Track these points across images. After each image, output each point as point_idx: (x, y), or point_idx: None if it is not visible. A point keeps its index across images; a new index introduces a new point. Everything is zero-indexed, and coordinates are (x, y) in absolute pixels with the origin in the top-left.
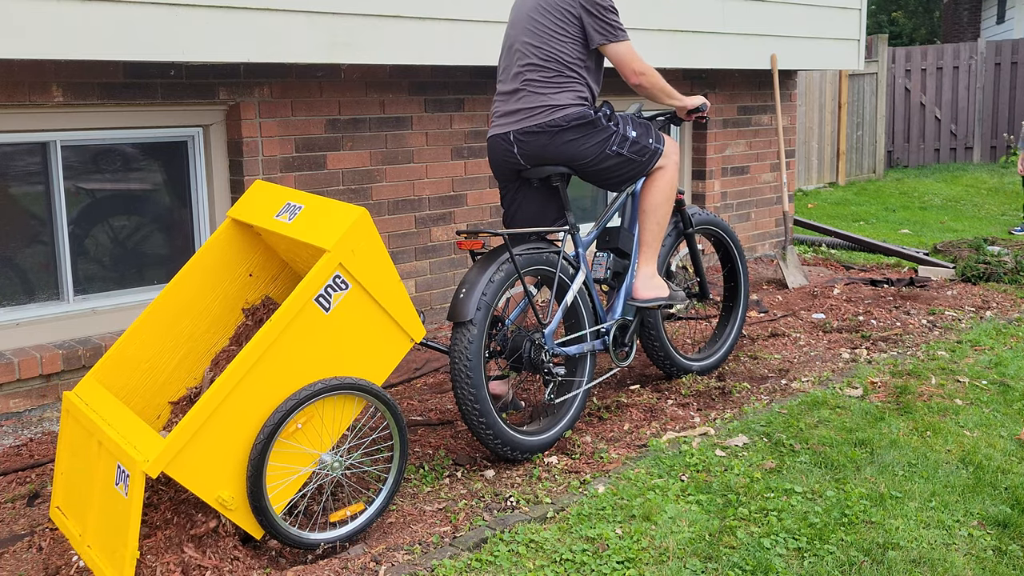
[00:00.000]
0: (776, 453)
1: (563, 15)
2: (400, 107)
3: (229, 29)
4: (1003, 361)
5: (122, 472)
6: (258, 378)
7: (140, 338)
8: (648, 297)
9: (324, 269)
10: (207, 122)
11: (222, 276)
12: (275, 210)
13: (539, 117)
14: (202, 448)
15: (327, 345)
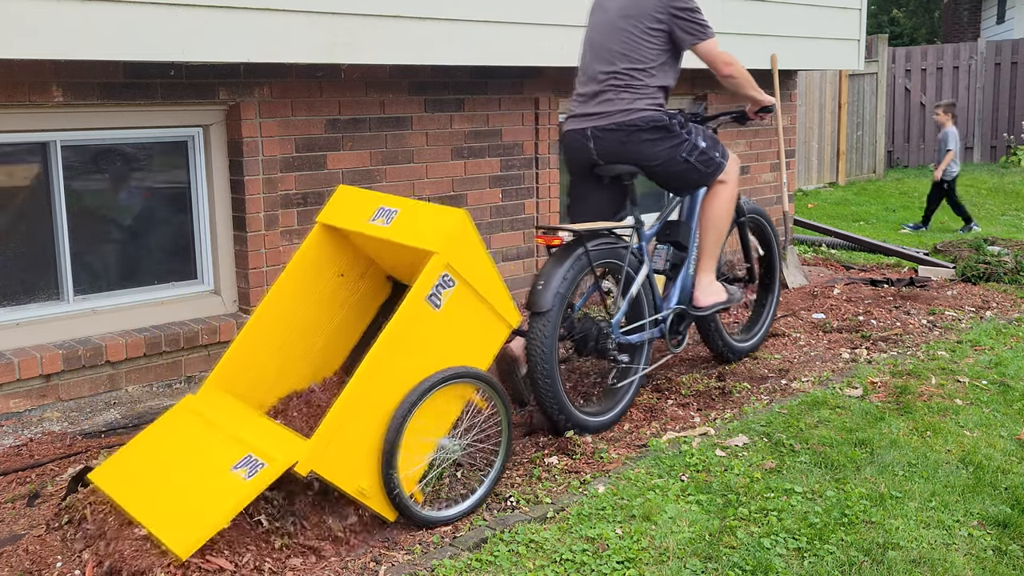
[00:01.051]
0: (776, 453)
1: (650, 20)
2: (400, 107)
3: (229, 29)
4: (1003, 361)
5: (252, 460)
6: (383, 376)
7: (250, 343)
8: (709, 304)
9: (433, 270)
10: (207, 122)
11: (316, 279)
12: (368, 215)
13: (618, 117)
14: (342, 444)
15: (439, 339)
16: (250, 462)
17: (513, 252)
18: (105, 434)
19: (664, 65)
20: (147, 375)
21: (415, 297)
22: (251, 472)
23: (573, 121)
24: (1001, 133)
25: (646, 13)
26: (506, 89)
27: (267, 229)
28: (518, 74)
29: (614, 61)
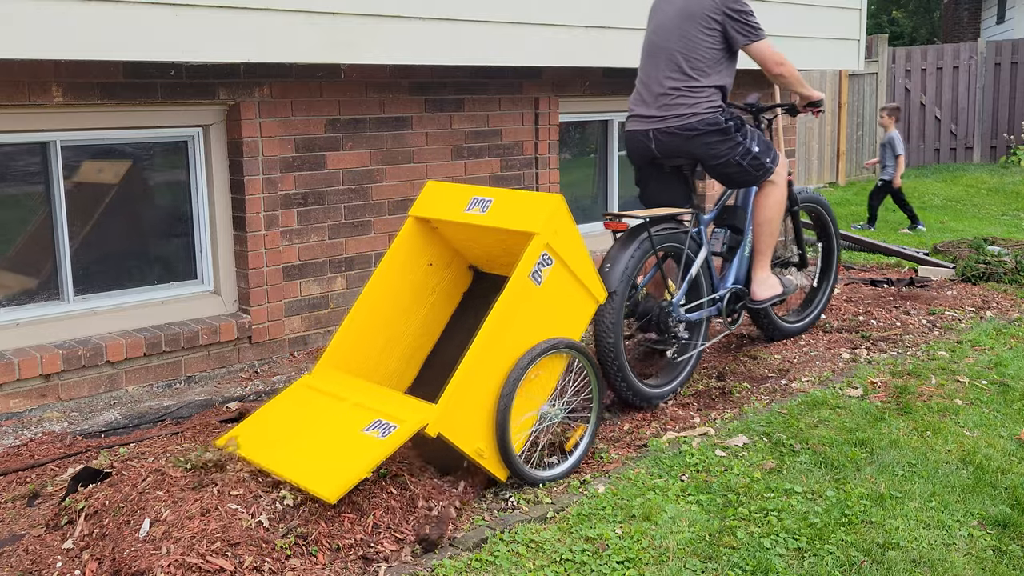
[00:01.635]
0: (776, 453)
1: (707, 21)
2: (400, 107)
3: (229, 29)
4: (1003, 361)
5: (382, 424)
6: (495, 346)
7: (356, 325)
8: (766, 297)
9: (535, 250)
10: (207, 122)
11: (409, 268)
12: (462, 205)
13: (678, 120)
14: (462, 409)
15: (540, 312)
16: (381, 425)
17: None
18: (105, 434)
19: (720, 64)
20: (147, 375)
21: (520, 274)
22: (384, 433)
23: (634, 121)
24: (1001, 133)
25: (702, 13)
26: (506, 89)
27: (267, 229)
28: (518, 74)
29: (673, 62)
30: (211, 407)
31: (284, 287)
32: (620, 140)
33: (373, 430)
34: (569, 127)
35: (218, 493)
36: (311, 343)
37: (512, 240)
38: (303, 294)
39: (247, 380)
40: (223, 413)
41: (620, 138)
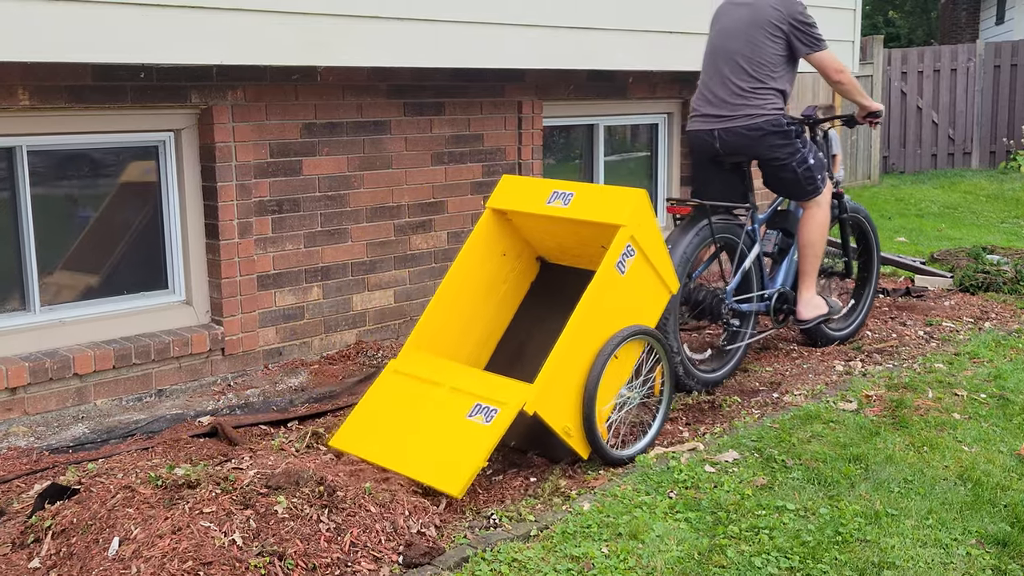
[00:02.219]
0: (767, 469)
1: (773, 29)
2: (378, 111)
3: (201, 30)
4: (1002, 374)
5: (483, 408)
6: (584, 331)
7: (439, 309)
8: (811, 317)
9: (620, 241)
10: (179, 126)
11: (486, 257)
12: (543, 198)
13: (742, 120)
14: (554, 390)
15: (622, 300)
16: (482, 409)
17: None
18: (73, 449)
19: (783, 69)
20: (116, 388)
21: (607, 264)
22: (488, 418)
23: (698, 121)
24: (1000, 138)
25: (768, 21)
26: (488, 92)
27: (241, 237)
28: (500, 77)
29: (738, 65)
30: (183, 421)
31: (258, 297)
32: (606, 145)
33: (476, 415)
34: (553, 131)
35: (190, 510)
36: (286, 355)
37: (589, 232)
38: (278, 304)
39: (220, 393)
40: (195, 428)
41: (606, 143)
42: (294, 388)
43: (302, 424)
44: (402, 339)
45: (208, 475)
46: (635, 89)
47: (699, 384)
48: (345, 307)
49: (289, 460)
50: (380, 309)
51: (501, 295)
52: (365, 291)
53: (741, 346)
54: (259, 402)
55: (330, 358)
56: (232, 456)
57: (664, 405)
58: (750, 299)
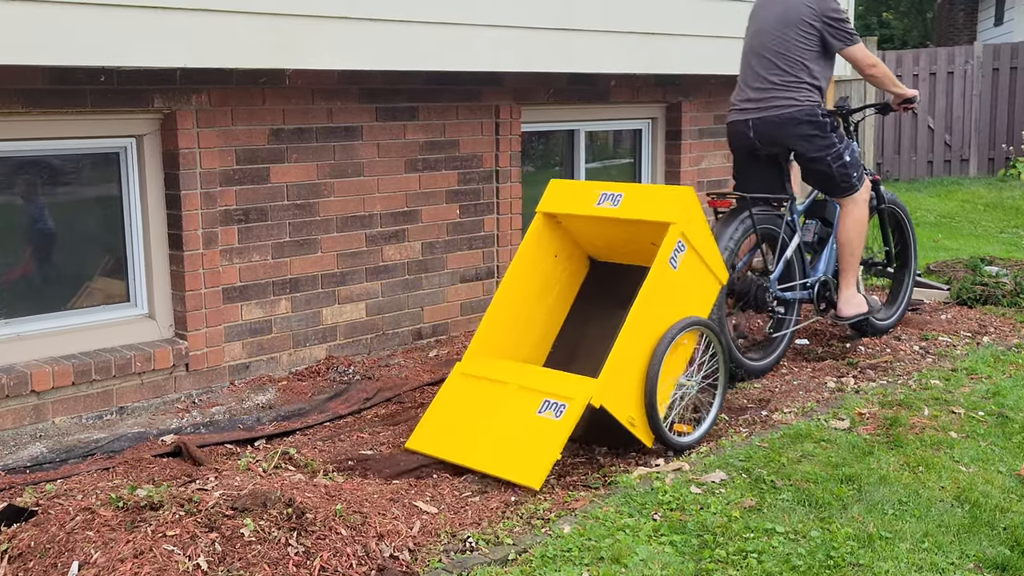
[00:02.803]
0: (756, 490)
1: (806, 26)
2: (349, 116)
3: (163, 31)
4: (1001, 391)
5: (552, 403)
6: (642, 325)
7: (498, 313)
8: (851, 314)
9: (672, 238)
10: (140, 132)
11: (539, 260)
12: (592, 200)
13: (778, 110)
14: (617, 382)
15: (675, 294)
16: (551, 405)
17: (472, 273)
18: (30, 469)
19: (817, 64)
20: (76, 406)
21: (660, 260)
22: (557, 413)
23: (736, 113)
24: (999, 144)
25: (800, 19)
26: (464, 97)
27: (206, 248)
28: (477, 80)
29: (772, 62)
30: (145, 440)
31: (224, 310)
32: (587, 151)
33: (546, 411)
34: (532, 137)
35: (152, 533)
36: (253, 371)
37: (639, 230)
38: (244, 318)
39: (184, 411)
40: (158, 447)
41: (588, 149)
42: (261, 405)
43: (270, 443)
44: (374, 354)
45: (171, 496)
46: (618, 93)
47: (748, 373)
48: (315, 321)
49: (256, 481)
50: (351, 323)
51: (555, 295)
52: (335, 304)
53: (786, 334)
54: (225, 420)
55: (299, 374)
56: (196, 476)
57: (720, 392)
58: (793, 287)
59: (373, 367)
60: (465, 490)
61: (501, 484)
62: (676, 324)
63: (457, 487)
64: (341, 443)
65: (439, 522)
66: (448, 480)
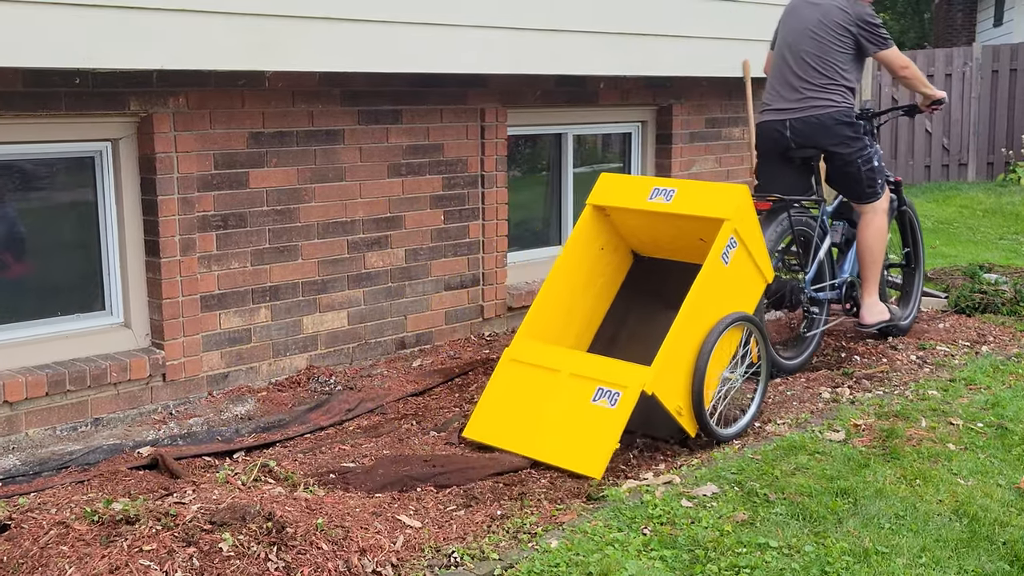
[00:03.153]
0: (749, 503)
1: (840, 29)
2: (331, 119)
3: (140, 32)
4: (1001, 401)
5: (606, 391)
6: (694, 317)
7: (546, 300)
8: (874, 322)
9: (725, 233)
10: (116, 136)
11: (586, 252)
12: (644, 194)
13: (814, 110)
14: (668, 371)
15: (725, 289)
16: (605, 393)
17: (456, 280)
18: (3, 482)
19: (850, 66)
20: (50, 417)
21: (714, 255)
22: (612, 401)
23: (770, 114)
24: (999, 148)
25: (835, 23)
26: (448, 99)
27: (183, 254)
28: (462, 82)
29: (808, 63)
30: (121, 452)
31: (202, 319)
32: (575, 155)
33: (600, 399)
34: (519, 141)
35: (128, 548)
36: (232, 381)
37: (689, 225)
38: (223, 327)
39: (161, 422)
40: (134, 459)
41: (575, 153)
42: (240, 417)
43: (249, 455)
44: (356, 363)
45: (148, 510)
46: (607, 95)
47: (781, 371)
48: (295, 329)
49: (235, 494)
50: (333, 332)
51: (599, 287)
52: (317, 312)
53: (818, 333)
54: (203, 432)
55: (279, 384)
56: (174, 490)
57: (762, 386)
58: (823, 288)
59: (355, 377)
60: (450, 503)
61: (483, 500)
62: (725, 318)
63: (441, 500)
64: (322, 455)
65: (423, 536)
66: (432, 493)
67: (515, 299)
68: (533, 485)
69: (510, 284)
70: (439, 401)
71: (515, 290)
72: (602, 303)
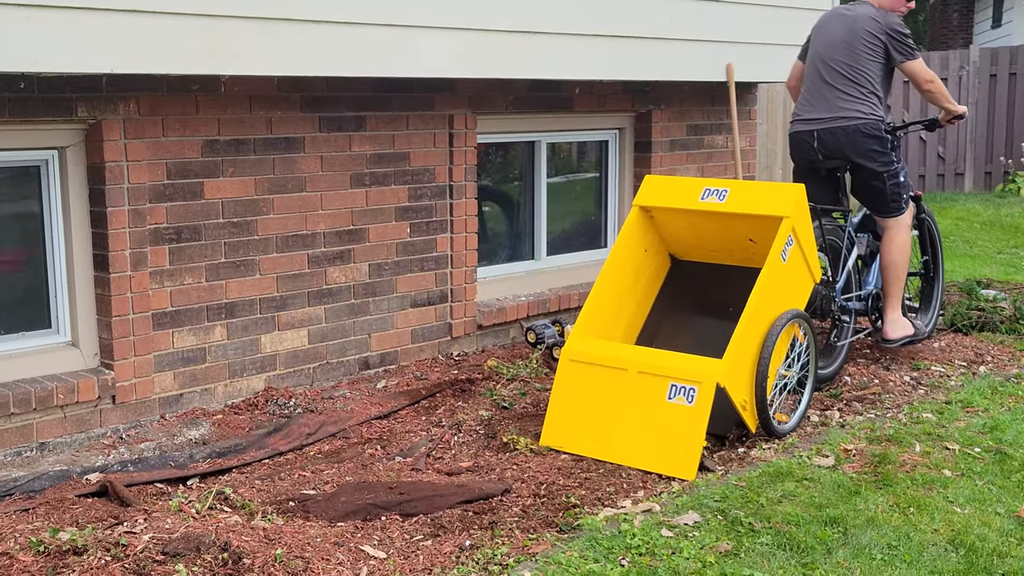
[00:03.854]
0: (733, 533)
1: (871, 37)
2: (290, 126)
3: (88, 34)
4: (999, 425)
5: (680, 388)
6: (756, 314)
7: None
8: (896, 337)
9: (784, 231)
10: (63, 144)
11: (632, 253)
12: (695, 195)
13: (843, 121)
14: (735, 366)
15: (781, 286)
16: (680, 390)
17: (423, 297)
18: None
19: (880, 77)
20: None
21: (774, 253)
22: (689, 398)
23: (799, 124)
24: (997, 157)
25: (866, 31)
26: (415, 105)
27: (134, 269)
28: (429, 87)
29: (839, 73)
30: (68, 479)
31: (154, 338)
32: (549, 164)
33: (677, 397)
34: (489, 149)
35: None
36: (186, 403)
37: (742, 225)
38: (176, 346)
39: (110, 447)
40: (82, 486)
41: (549, 162)
42: (195, 441)
43: (204, 482)
44: (317, 384)
45: (97, 540)
46: (582, 101)
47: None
48: (253, 349)
49: (189, 523)
50: (292, 351)
51: (642, 289)
52: (275, 330)
53: (847, 342)
54: (155, 457)
55: (236, 407)
56: (124, 518)
57: (810, 384)
58: (851, 298)
59: (316, 399)
60: (416, 533)
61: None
62: (785, 314)
63: (407, 530)
64: (281, 482)
65: (388, 568)
66: (397, 522)
67: (486, 317)
68: (504, 513)
69: (480, 301)
70: (405, 424)
71: (486, 307)
72: (644, 305)
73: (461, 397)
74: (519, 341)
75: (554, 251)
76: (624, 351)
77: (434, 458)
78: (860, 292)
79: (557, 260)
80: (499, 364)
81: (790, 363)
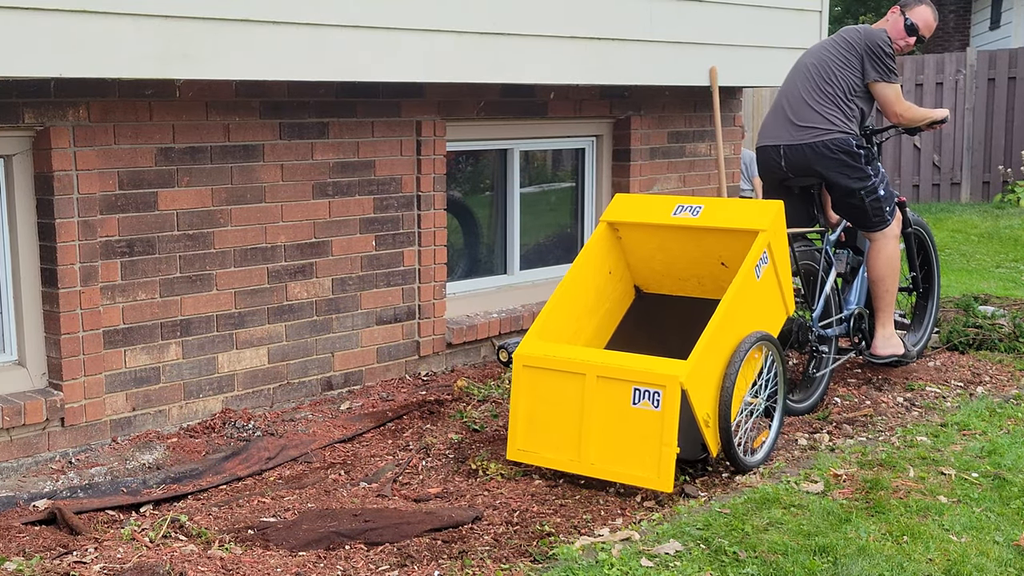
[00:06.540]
0: (716, 563)
1: (847, 46)
2: (249, 133)
3: (35, 36)
4: (998, 449)
5: (644, 392)
6: (724, 326)
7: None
8: (886, 354)
9: (760, 245)
10: (9, 152)
11: (596, 272)
12: (667, 210)
13: (809, 138)
14: (700, 374)
15: (753, 304)
16: (645, 394)
17: (390, 313)
18: None
19: (853, 88)
20: None
21: (748, 266)
22: (654, 402)
23: (765, 139)
24: (996, 165)
25: (846, 41)
26: (381, 111)
27: (84, 284)
28: (395, 92)
29: (811, 86)
30: (14, 506)
31: (105, 356)
32: (522, 174)
33: (642, 402)
34: (459, 158)
35: None
36: (138, 426)
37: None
38: (128, 365)
39: (59, 472)
40: (29, 513)
41: (522, 171)
42: (148, 466)
43: (158, 509)
44: (277, 406)
45: (45, 570)
46: (557, 107)
47: (790, 414)
48: (209, 368)
49: (142, 552)
50: (251, 371)
51: (602, 314)
52: (233, 349)
53: (827, 372)
54: (106, 483)
55: (191, 430)
56: (74, 548)
57: (779, 414)
58: (831, 324)
59: (276, 421)
60: (382, 563)
61: (421, 560)
62: (754, 334)
63: (373, 560)
64: (240, 509)
65: None
66: (362, 551)
67: (455, 334)
68: (475, 542)
69: (450, 318)
70: (370, 448)
71: (455, 324)
72: (604, 333)
73: (429, 419)
74: (490, 360)
75: (528, 265)
76: (582, 354)
77: (401, 484)
78: (841, 314)
79: (531, 275)
80: (469, 384)
81: (756, 391)
